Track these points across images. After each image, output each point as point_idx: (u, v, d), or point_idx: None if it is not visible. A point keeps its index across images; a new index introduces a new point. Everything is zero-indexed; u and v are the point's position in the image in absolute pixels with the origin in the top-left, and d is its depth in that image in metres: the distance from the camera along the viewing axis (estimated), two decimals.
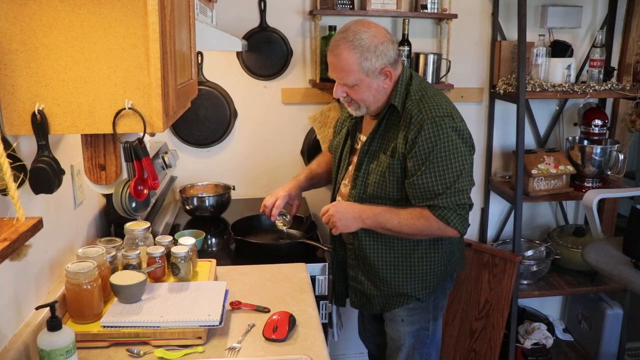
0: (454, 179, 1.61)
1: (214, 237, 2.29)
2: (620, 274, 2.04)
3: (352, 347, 2.88)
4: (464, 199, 1.64)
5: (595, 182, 2.68)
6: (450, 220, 1.63)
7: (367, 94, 1.67)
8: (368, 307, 1.88)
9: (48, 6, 1.08)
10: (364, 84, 1.65)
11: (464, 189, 1.63)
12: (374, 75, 1.64)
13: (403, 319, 1.84)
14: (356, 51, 1.60)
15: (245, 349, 1.38)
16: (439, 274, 1.80)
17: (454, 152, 1.61)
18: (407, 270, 1.77)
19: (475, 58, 2.76)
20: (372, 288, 1.82)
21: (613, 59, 2.80)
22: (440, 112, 1.62)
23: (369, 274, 1.82)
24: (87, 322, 1.37)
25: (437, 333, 1.89)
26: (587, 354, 2.95)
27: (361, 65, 1.61)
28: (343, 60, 1.62)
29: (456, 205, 1.62)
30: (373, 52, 1.61)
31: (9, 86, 1.11)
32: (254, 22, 2.57)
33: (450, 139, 1.61)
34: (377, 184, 1.71)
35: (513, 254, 2.55)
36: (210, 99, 2.56)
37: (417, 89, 1.69)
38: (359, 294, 1.88)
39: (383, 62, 1.63)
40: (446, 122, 1.61)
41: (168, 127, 1.63)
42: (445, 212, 1.63)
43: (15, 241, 0.97)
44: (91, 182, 1.32)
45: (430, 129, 1.60)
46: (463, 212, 1.65)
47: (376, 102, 1.70)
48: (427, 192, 1.63)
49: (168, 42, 1.18)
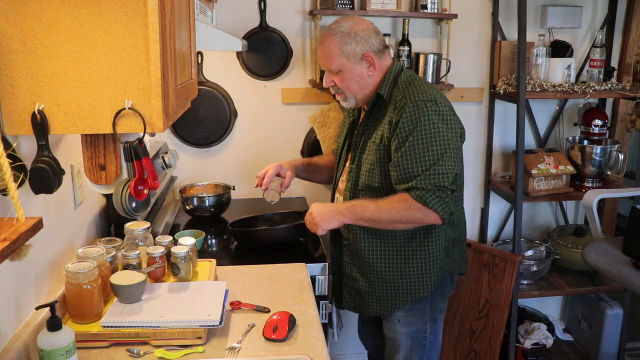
0: (434, 160, 1.60)
1: (214, 237, 2.29)
2: (620, 274, 2.04)
3: (352, 347, 2.87)
4: (444, 182, 1.60)
5: (595, 182, 2.68)
6: (428, 201, 1.60)
7: (352, 81, 1.72)
8: (362, 308, 1.85)
9: (48, 6, 1.08)
10: (347, 70, 1.70)
11: (445, 172, 1.60)
12: (355, 60, 1.70)
13: (399, 319, 1.82)
14: (336, 37, 1.69)
15: (245, 349, 1.38)
16: (436, 270, 1.77)
17: (436, 134, 1.61)
18: (401, 264, 1.76)
19: (475, 58, 2.76)
20: (366, 284, 1.81)
21: (613, 59, 2.80)
22: (423, 96, 1.64)
23: (363, 270, 1.81)
24: (87, 322, 1.37)
25: (437, 336, 1.86)
26: (587, 354, 2.95)
27: (342, 50, 1.68)
28: (326, 46, 1.71)
29: (435, 187, 1.60)
30: (353, 37, 1.68)
31: (9, 86, 1.11)
32: (254, 22, 2.57)
33: (432, 121, 1.61)
34: (367, 173, 1.73)
35: (513, 254, 2.55)
36: (210, 99, 2.56)
37: (405, 79, 1.73)
38: (353, 293, 1.87)
39: (364, 47, 1.69)
40: (428, 105, 1.62)
41: (168, 127, 1.63)
42: (423, 194, 1.60)
43: (15, 241, 0.96)
44: (91, 182, 1.32)
45: (411, 111, 1.62)
46: (443, 195, 1.61)
47: (362, 90, 1.74)
48: (406, 173, 1.62)
49: (168, 42, 1.18)
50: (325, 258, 2.04)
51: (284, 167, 1.96)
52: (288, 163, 2.00)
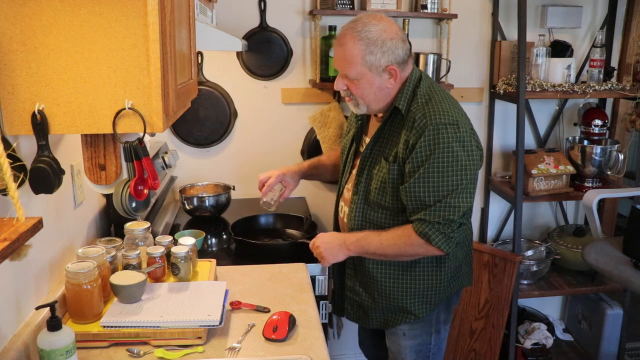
0: (447, 192, 1.51)
1: (214, 237, 2.29)
2: (620, 274, 2.04)
3: (352, 347, 2.87)
4: (454, 215, 1.52)
5: (595, 182, 2.68)
6: (431, 239, 1.52)
7: (368, 91, 1.58)
8: (364, 321, 1.78)
9: (48, 6, 1.08)
10: (366, 80, 1.56)
11: (457, 206, 1.51)
12: (377, 72, 1.55)
13: (405, 332, 1.74)
14: (362, 43, 1.52)
15: (245, 349, 1.38)
16: (441, 291, 1.69)
17: (453, 163, 1.50)
18: (406, 284, 1.67)
19: (475, 58, 2.76)
20: (369, 300, 1.73)
21: (613, 59, 2.80)
22: (445, 119, 1.50)
23: (367, 286, 1.72)
24: (87, 322, 1.37)
25: (441, 347, 1.80)
26: (587, 354, 2.95)
27: (365, 58, 1.52)
28: (347, 50, 1.54)
29: (443, 220, 1.51)
30: (380, 46, 1.52)
31: (9, 86, 1.11)
32: (254, 22, 2.57)
33: (451, 148, 1.49)
34: (378, 190, 1.62)
35: (513, 254, 2.55)
36: (210, 99, 2.56)
37: (425, 92, 1.59)
38: (355, 306, 1.79)
39: (389, 59, 1.54)
40: (449, 130, 1.49)
41: (168, 127, 1.62)
42: (427, 230, 1.52)
43: (15, 241, 0.96)
44: (91, 182, 1.32)
45: (430, 135, 1.49)
46: (448, 231, 1.53)
47: (377, 101, 1.61)
48: (417, 201, 1.53)
49: (168, 42, 1.18)
50: None
51: (286, 177, 1.88)
52: (292, 171, 1.91)
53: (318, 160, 2.03)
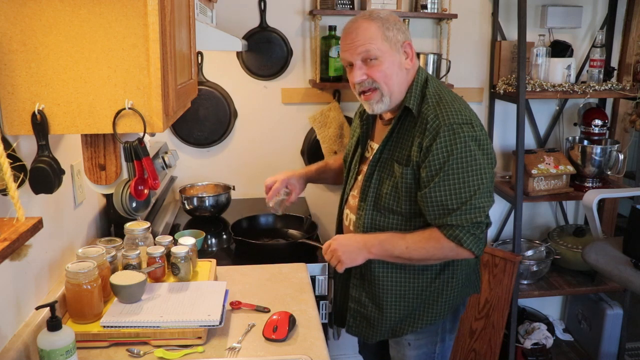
0: (471, 193, 1.46)
1: (214, 237, 2.29)
2: (620, 274, 2.04)
3: (352, 347, 2.87)
4: (480, 217, 1.47)
5: (595, 182, 2.68)
6: (463, 241, 1.47)
7: (391, 70, 1.51)
8: (367, 334, 1.69)
9: (48, 6, 1.08)
10: (387, 57, 1.50)
11: (481, 206, 1.47)
12: (396, 48, 1.51)
13: (410, 342, 1.69)
14: (377, 21, 1.50)
15: (245, 349, 1.38)
16: (451, 299, 1.64)
17: (472, 163, 1.46)
18: (419, 291, 1.61)
19: (475, 58, 2.76)
20: (376, 311, 1.64)
21: (613, 59, 2.80)
22: (458, 118, 1.46)
23: (375, 296, 1.64)
24: (87, 322, 1.37)
25: (446, 355, 1.75)
26: (587, 354, 2.95)
27: (384, 34, 1.49)
28: (364, 30, 1.50)
29: (471, 224, 1.47)
30: (393, 24, 1.51)
31: (9, 86, 1.11)
32: (254, 22, 2.57)
33: (468, 148, 1.45)
34: (389, 195, 1.56)
35: (513, 254, 2.55)
36: (210, 99, 2.56)
37: (434, 92, 1.54)
38: (359, 318, 1.69)
39: (404, 36, 1.53)
40: (465, 130, 1.45)
41: (168, 127, 1.62)
42: (458, 232, 1.47)
43: (15, 241, 0.97)
44: (91, 182, 1.32)
45: (446, 136, 1.44)
46: (478, 232, 1.49)
47: (399, 85, 1.53)
48: (440, 207, 1.48)
49: (168, 42, 1.18)
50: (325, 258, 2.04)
51: (292, 180, 1.85)
52: (298, 176, 1.87)
53: (325, 164, 1.99)
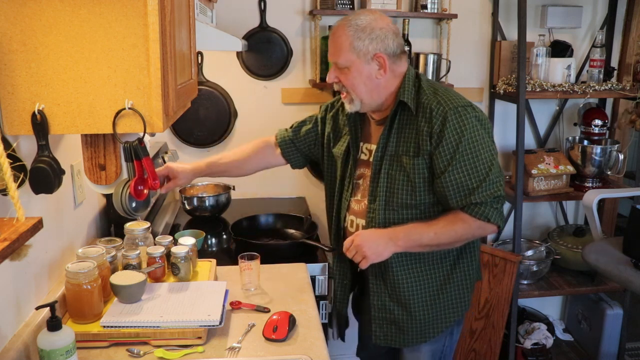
0: (487, 170, 1.49)
1: (214, 237, 2.29)
2: (620, 274, 2.04)
3: (352, 347, 2.87)
4: (500, 190, 1.51)
5: (595, 182, 2.68)
6: (490, 216, 1.50)
7: (358, 80, 1.54)
8: (399, 340, 1.64)
9: (48, 6, 1.08)
10: (355, 67, 1.53)
11: (498, 181, 1.51)
12: (365, 59, 1.52)
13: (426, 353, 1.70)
14: (350, 29, 1.52)
15: (245, 349, 1.38)
16: (474, 278, 1.67)
17: (481, 142, 1.50)
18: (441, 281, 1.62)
19: (475, 58, 2.76)
20: (404, 313, 1.61)
21: (613, 59, 2.80)
22: (460, 102, 1.52)
23: (399, 297, 1.60)
24: (87, 322, 1.37)
25: (453, 348, 1.75)
26: (587, 354, 2.95)
27: (353, 45, 1.51)
28: (337, 38, 1.55)
29: (493, 199, 1.50)
30: (368, 33, 1.51)
31: (9, 86, 1.11)
32: (254, 22, 2.57)
33: (475, 128, 1.50)
34: (403, 190, 1.55)
35: (513, 254, 2.55)
36: (210, 99, 2.56)
37: (428, 85, 1.58)
38: (386, 325, 1.64)
39: (377, 47, 1.52)
40: (469, 111, 1.50)
41: (168, 127, 1.62)
42: (483, 209, 1.50)
43: (15, 241, 0.97)
44: (91, 182, 1.32)
45: (455, 119, 1.48)
46: (499, 206, 1.52)
47: (369, 93, 1.56)
48: (462, 188, 1.50)
49: (168, 42, 1.18)
50: (325, 258, 2.04)
51: (173, 171, 1.76)
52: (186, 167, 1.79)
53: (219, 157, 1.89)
